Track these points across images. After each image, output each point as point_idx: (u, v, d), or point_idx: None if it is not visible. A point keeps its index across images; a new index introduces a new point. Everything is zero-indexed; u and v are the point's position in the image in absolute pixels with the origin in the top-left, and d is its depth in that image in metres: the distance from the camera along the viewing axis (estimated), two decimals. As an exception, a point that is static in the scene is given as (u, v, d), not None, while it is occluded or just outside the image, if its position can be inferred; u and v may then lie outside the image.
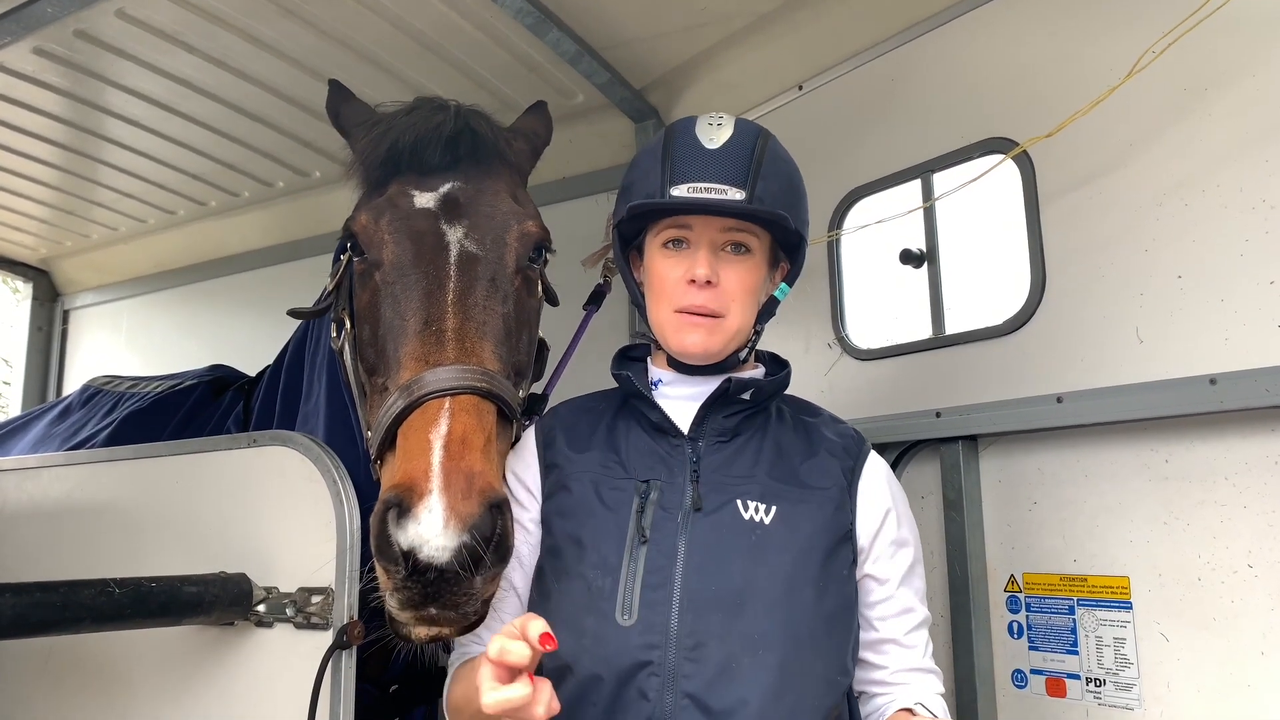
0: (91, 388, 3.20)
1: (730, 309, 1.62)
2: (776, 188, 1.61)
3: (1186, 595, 1.97)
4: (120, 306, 4.77)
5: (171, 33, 2.74)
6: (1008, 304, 2.33)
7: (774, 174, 1.62)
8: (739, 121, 1.66)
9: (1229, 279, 1.93)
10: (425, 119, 1.80)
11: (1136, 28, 2.06)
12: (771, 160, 1.63)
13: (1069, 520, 2.18)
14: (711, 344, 1.62)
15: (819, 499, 1.58)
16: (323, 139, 3.37)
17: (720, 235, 1.63)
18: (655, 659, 1.43)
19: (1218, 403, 1.88)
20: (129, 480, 1.86)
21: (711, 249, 1.62)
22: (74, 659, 1.80)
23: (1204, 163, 1.99)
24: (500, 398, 1.56)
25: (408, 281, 1.68)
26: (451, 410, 1.48)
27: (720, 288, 1.61)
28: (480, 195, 1.79)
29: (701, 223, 1.62)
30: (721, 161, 1.59)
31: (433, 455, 1.42)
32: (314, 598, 1.54)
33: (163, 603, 1.44)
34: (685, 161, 1.61)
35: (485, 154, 1.83)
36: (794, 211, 1.63)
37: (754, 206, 1.57)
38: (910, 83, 2.59)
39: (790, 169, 1.68)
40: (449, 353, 1.57)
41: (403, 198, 1.76)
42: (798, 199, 1.67)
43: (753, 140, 1.63)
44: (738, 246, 1.63)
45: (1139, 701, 2.02)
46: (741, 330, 1.65)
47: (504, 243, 1.77)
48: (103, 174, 3.78)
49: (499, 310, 1.70)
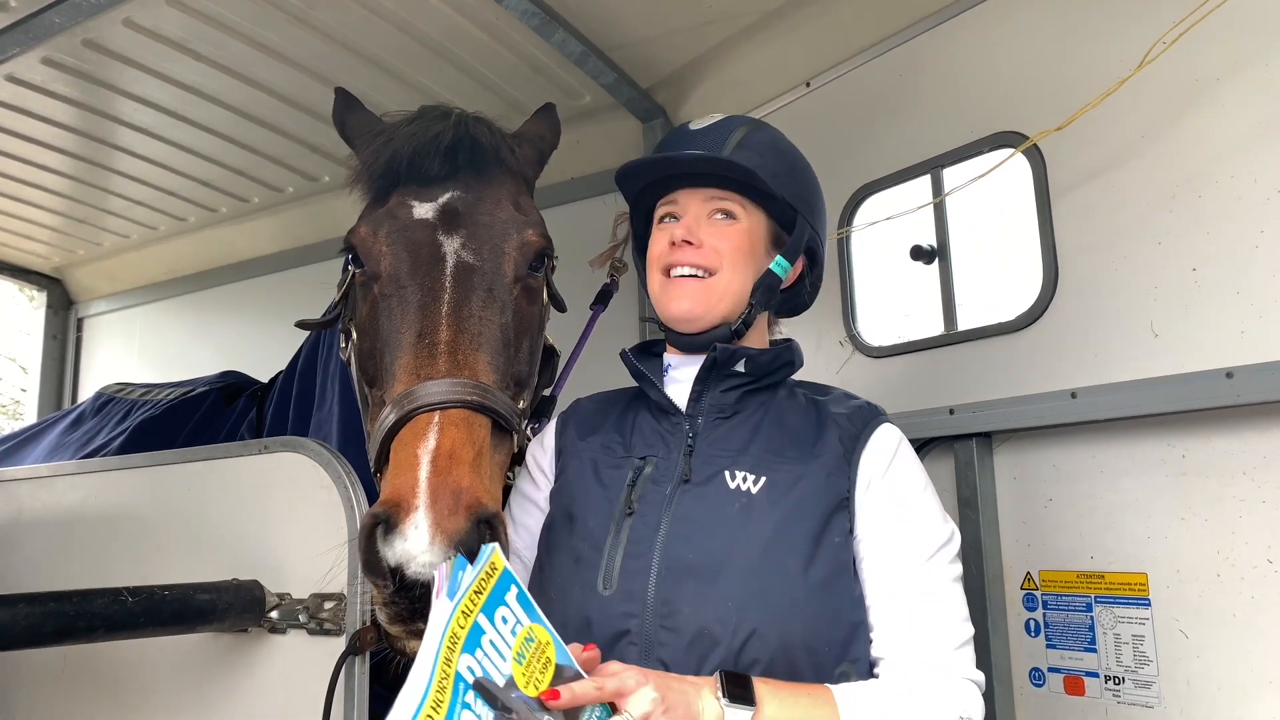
0: (104, 395, 3.21)
1: (720, 267, 1.65)
2: (759, 158, 1.66)
3: (1206, 591, 1.95)
4: (133, 313, 4.80)
5: (179, 40, 2.75)
6: (1020, 299, 2.31)
7: (759, 146, 1.69)
8: (730, 115, 1.76)
9: (1244, 271, 1.91)
10: (425, 128, 1.78)
11: (1147, 19, 2.04)
12: (759, 139, 1.71)
13: (1085, 517, 2.16)
14: (697, 305, 1.64)
15: (812, 468, 1.55)
16: (331, 144, 3.38)
17: (705, 205, 1.69)
18: (633, 628, 1.45)
19: (1234, 396, 1.86)
20: (141, 488, 1.86)
21: (696, 218, 1.68)
22: (89, 668, 1.80)
23: (1217, 154, 1.97)
24: (494, 410, 1.53)
25: (403, 294, 1.67)
26: (440, 425, 1.46)
27: (705, 247, 1.65)
28: (479, 204, 1.78)
29: (686, 195, 1.71)
30: (704, 135, 1.71)
31: (420, 470, 1.40)
32: (326, 604, 1.54)
33: (176, 611, 1.45)
34: (670, 141, 1.77)
35: (486, 162, 1.82)
36: (781, 181, 1.67)
37: (730, 158, 1.64)
38: (919, 78, 2.58)
39: (783, 146, 1.75)
40: (440, 366, 1.55)
41: (401, 209, 1.75)
42: (789, 172, 1.71)
43: (740, 123, 1.73)
44: (726, 215, 1.68)
45: (1159, 699, 2.00)
46: (732, 292, 1.66)
47: (502, 252, 1.75)
48: (113, 182, 3.80)
49: (496, 321, 1.68)
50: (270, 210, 4.02)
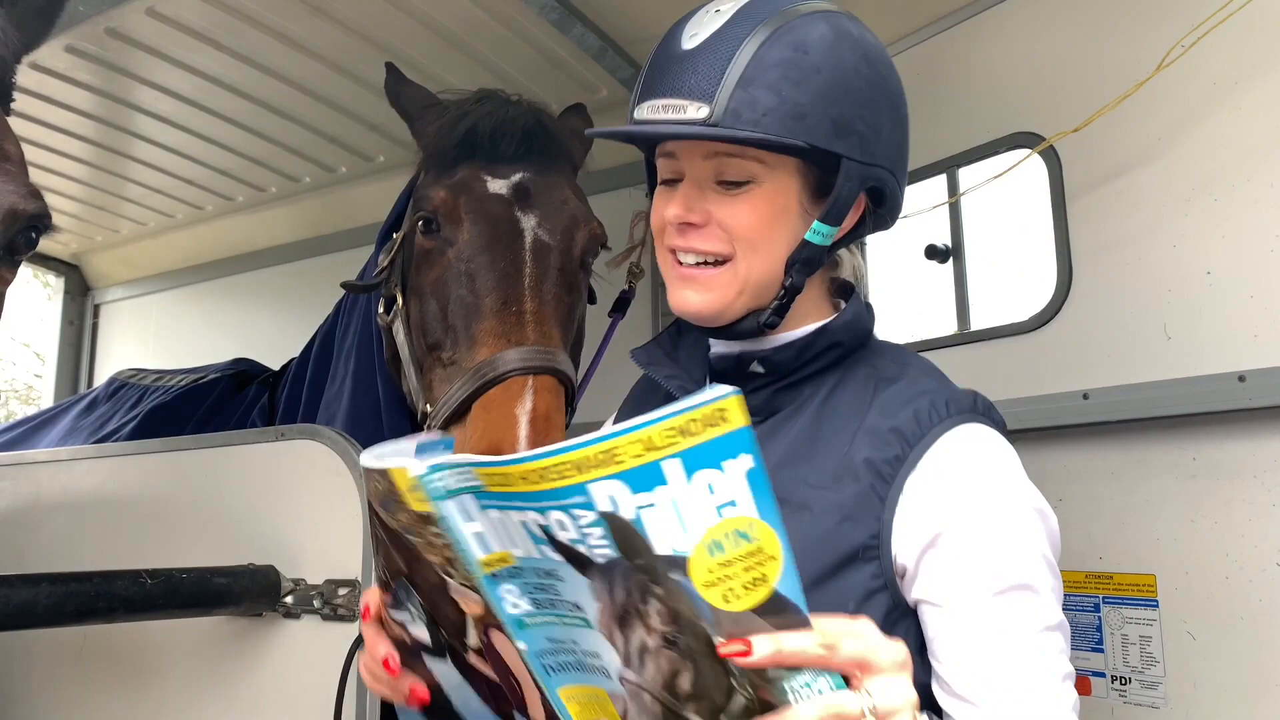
0: (117, 381, 3.25)
1: (733, 251, 1.25)
2: (771, 97, 1.17)
3: (1214, 594, 1.95)
4: (150, 301, 4.83)
5: (201, 30, 2.77)
6: (1033, 300, 2.31)
7: (772, 73, 1.18)
8: (746, 6, 1.23)
9: (1259, 275, 1.91)
10: (500, 109, 1.87)
11: (1165, 22, 2.04)
12: (777, 49, 1.19)
13: (1095, 517, 2.16)
14: (710, 304, 1.26)
15: (821, 507, 1.15)
16: (349, 135, 3.40)
17: (703, 165, 1.25)
18: None
19: (1246, 400, 1.86)
20: (159, 473, 1.89)
21: (697, 184, 1.26)
22: (107, 648, 1.83)
23: (1234, 158, 1.97)
24: (571, 382, 1.65)
25: (484, 261, 1.74)
26: (535, 388, 1.57)
27: (711, 225, 1.25)
28: (550, 189, 1.85)
29: (684, 150, 1.26)
30: (692, 66, 1.21)
31: (519, 429, 1.51)
32: (340, 590, 1.56)
33: (193, 593, 1.47)
34: (655, 69, 1.27)
35: (554, 150, 1.91)
36: (810, 121, 1.18)
37: (716, 130, 1.17)
38: (935, 77, 2.57)
39: (816, 58, 1.20)
40: (529, 334, 1.65)
41: (477, 182, 1.82)
42: (829, 100, 1.20)
43: (745, 32, 1.19)
44: (734, 184, 1.24)
45: (1165, 700, 2.01)
46: (754, 283, 1.26)
47: (573, 237, 1.84)
48: (132, 170, 3.82)
49: (566, 300, 1.78)
50: (287, 200, 4.03)
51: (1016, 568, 1.12)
